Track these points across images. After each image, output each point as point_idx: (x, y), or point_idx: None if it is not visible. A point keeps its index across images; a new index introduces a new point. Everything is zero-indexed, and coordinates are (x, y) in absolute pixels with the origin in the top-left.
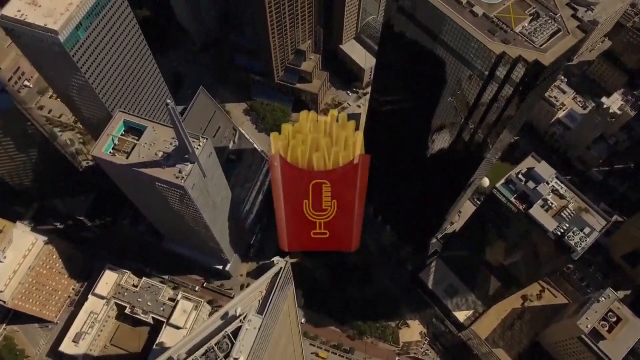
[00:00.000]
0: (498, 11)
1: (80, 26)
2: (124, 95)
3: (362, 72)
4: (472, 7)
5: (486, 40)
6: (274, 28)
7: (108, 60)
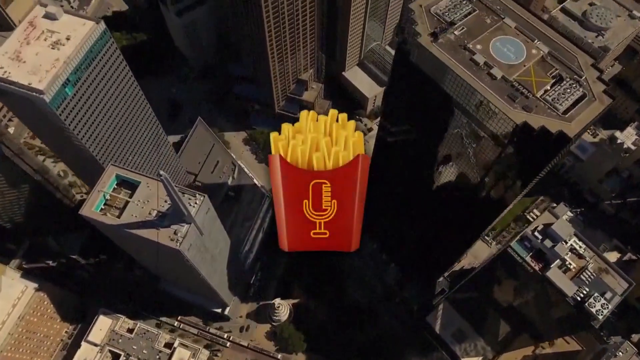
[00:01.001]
0: (518, 74)
1: (68, 82)
2: (118, 148)
3: (366, 101)
4: (491, 68)
5: (507, 108)
6: (275, 57)
7: (99, 113)
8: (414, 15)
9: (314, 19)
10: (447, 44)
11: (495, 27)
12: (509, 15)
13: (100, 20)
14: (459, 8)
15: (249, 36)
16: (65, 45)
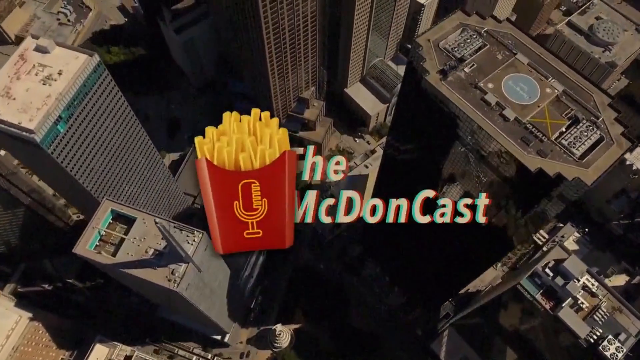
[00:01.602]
0: (532, 115)
1: (60, 120)
2: (113, 180)
3: (369, 118)
4: (503, 109)
5: (520, 154)
6: (275, 75)
7: (93, 147)
8: (422, 51)
9: (316, 35)
10: (457, 82)
11: (507, 64)
12: (521, 51)
13: (93, 53)
14: (468, 43)
15: (248, 53)
16: (57, 80)
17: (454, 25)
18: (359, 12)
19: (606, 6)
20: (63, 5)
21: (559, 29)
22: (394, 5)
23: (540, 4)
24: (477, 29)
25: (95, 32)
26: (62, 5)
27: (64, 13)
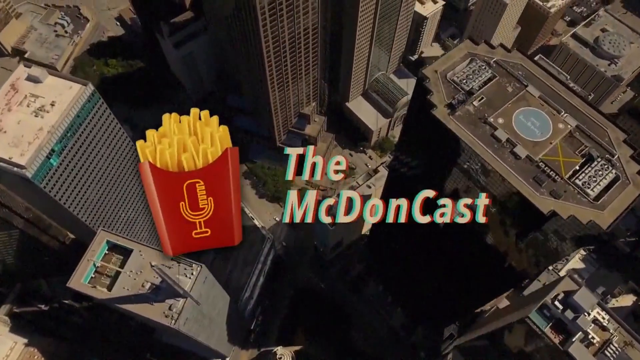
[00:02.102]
0: (544, 153)
1: (53, 153)
2: (109, 208)
3: (371, 133)
4: (514, 147)
5: (532, 195)
6: (275, 91)
7: (88, 177)
8: (429, 84)
9: (317, 49)
10: (465, 117)
11: (517, 97)
12: (532, 82)
13: (87, 82)
14: (477, 74)
15: (247, 67)
16: (49, 112)
17: (462, 55)
18: (362, 24)
19: (612, 18)
20: (60, 17)
21: (564, 41)
22: (397, 17)
23: (545, 16)
24: (486, 59)
25: (92, 44)
26: (59, 16)
27: (61, 24)
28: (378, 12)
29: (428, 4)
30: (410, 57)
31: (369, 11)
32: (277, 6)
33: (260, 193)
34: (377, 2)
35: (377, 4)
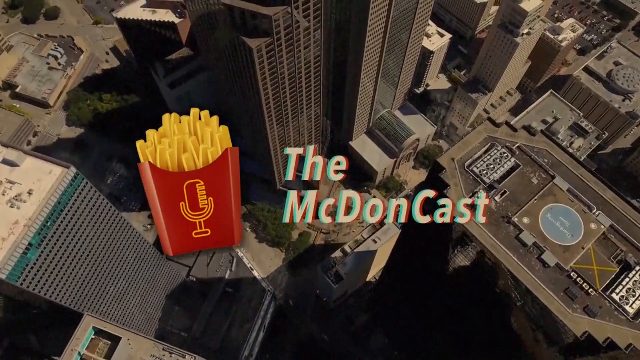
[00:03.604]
0: (576, 260)
1: (30, 247)
2: (98, 286)
3: (375, 174)
4: (542, 253)
5: (564, 313)
6: (274, 131)
7: (71, 263)
8: (445, 175)
9: (319, 84)
10: (486, 216)
11: (544, 191)
12: (558, 171)
13: (69, 165)
14: (499, 163)
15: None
16: (26, 202)
17: (481, 140)
18: (367, 59)
19: (625, 50)
20: (54, 48)
21: (576, 75)
22: (404, 51)
23: (556, 50)
24: (507, 144)
25: (86, 77)
26: (52, 48)
27: (54, 56)
28: (385, 46)
29: (434, 37)
30: (415, 90)
31: (376, 45)
32: (275, 42)
33: (260, 237)
34: (384, 35)
35: (384, 38)
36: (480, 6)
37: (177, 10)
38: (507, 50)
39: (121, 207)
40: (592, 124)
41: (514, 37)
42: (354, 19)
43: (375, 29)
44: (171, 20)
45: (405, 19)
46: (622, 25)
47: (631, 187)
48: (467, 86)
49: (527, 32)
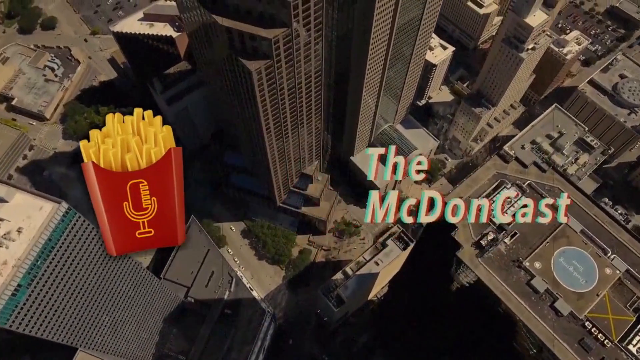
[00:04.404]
0: (591, 308)
1: (19, 288)
2: (91, 319)
3: (377, 190)
4: (555, 300)
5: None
6: (273, 146)
7: (63, 299)
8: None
9: (320, 98)
10: (496, 259)
11: (556, 233)
12: (571, 211)
13: (60, 201)
14: (509, 202)
15: (242, 121)
16: (15, 240)
17: (490, 177)
18: (370, 71)
19: (630, 62)
20: (50, 59)
21: (581, 88)
22: (408, 63)
23: (561, 63)
24: (518, 182)
25: (83, 89)
26: (49, 59)
27: (50, 68)
28: (388, 59)
29: (437, 49)
30: (417, 103)
31: (379, 57)
32: (275, 64)
33: (259, 254)
34: (388, 47)
35: (387, 50)
36: (483, 17)
37: (175, 24)
38: (512, 65)
39: None
40: (597, 138)
41: (518, 52)
42: (357, 30)
43: (379, 40)
44: (169, 35)
45: (409, 30)
46: (627, 35)
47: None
48: (471, 100)
49: (532, 48)
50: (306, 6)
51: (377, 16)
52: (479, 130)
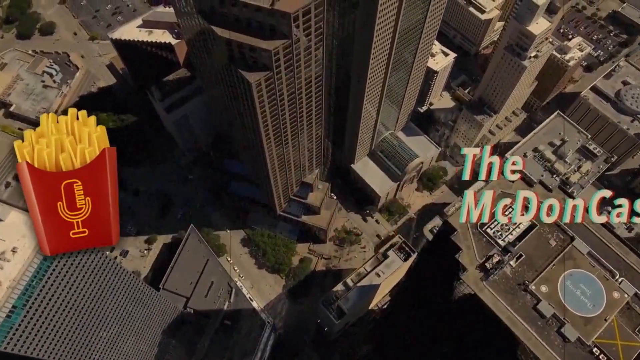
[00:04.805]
0: (599, 334)
1: (14, 310)
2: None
3: (378, 198)
4: (562, 326)
5: None
6: (273, 153)
7: (59, 318)
8: (457, 237)
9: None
10: (501, 283)
11: (563, 255)
12: (578, 232)
13: None
14: (514, 223)
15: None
16: (10, 261)
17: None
18: (372, 78)
19: (633, 69)
20: (49, 65)
21: (584, 95)
22: (410, 70)
23: (563, 69)
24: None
25: (82, 96)
26: (47, 65)
27: (49, 73)
28: (390, 65)
29: (438, 56)
30: (418, 109)
31: (381, 63)
32: (275, 75)
33: (259, 263)
34: (390, 53)
35: (389, 56)
36: (485, 22)
37: (175, 30)
38: (514, 73)
39: None
40: (600, 145)
41: (521, 60)
42: (358, 35)
43: (381, 46)
44: (168, 42)
45: (411, 36)
46: (630, 40)
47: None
48: (472, 107)
49: (534, 55)
50: (307, 17)
51: (380, 20)
52: (481, 137)
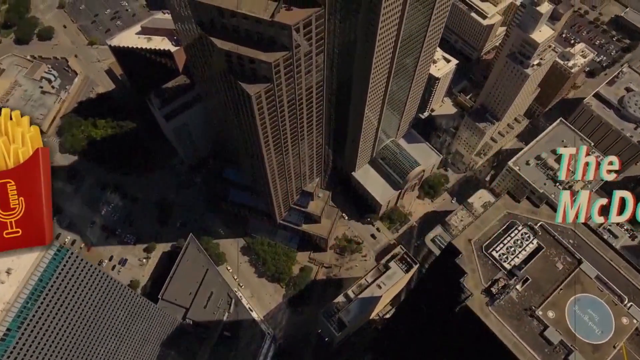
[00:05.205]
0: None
1: (8, 332)
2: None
3: (379, 206)
4: (569, 353)
5: None
6: (273, 161)
7: (55, 337)
8: (462, 260)
9: (321, 111)
10: (507, 308)
11: (570, 279)
12: (585, 254)
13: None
14: (520, 245)
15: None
16: (4, 282)
17: (500, 217)
18: (374, 85)
19: (637, 75)
20: (47, 70)
21: (587, 102)
22: (412, 77)
23: (566, 76)
24: (529, 223)
25: (80, 102)
26: (46, 70)
27: (47, 79)
28: (392, 71)
29: (440, 62)
30: (420, 115)
31: (383, 70)
32: (276, 87)
33: (259, 272)
34: (392, 59)
35: (391, 62)
36: (487, 28)
37: (174, 37)
38: (517, 81)
39: (115, 240)
40: (603, 153)
41: (524, 68)
42: (360, 41)
43: (383, 52)
44: (167, 49)
45: (414, 42)
46: (632, 45)
47: None
48: (474, 115)
49: (537, 63)
50: (308, 29)
51: (382, 24)
52: (483, 144)
